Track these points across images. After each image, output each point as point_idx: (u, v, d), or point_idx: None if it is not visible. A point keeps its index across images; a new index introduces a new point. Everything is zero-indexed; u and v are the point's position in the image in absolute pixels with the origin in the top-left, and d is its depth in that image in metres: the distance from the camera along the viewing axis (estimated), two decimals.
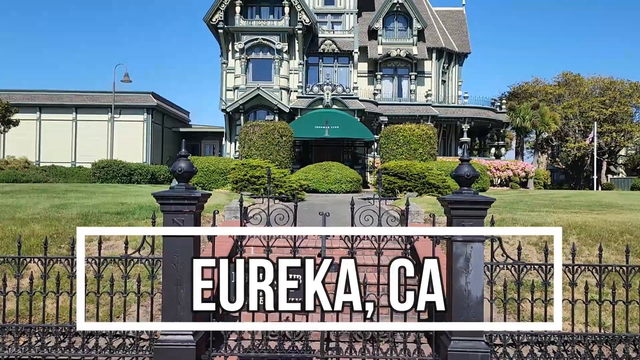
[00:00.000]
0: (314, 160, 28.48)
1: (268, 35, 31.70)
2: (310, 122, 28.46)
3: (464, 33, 38.08)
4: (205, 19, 31.57)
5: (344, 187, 22.31)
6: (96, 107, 36.07)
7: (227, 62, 32.59)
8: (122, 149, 33.66)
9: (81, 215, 9.77)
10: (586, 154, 44.69)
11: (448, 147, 36.40)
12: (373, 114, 31.62)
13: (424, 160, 22.77)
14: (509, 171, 30.70)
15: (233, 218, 10.64)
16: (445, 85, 36.93)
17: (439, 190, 17.72)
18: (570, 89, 46.80)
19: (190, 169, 5.56)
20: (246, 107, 31.25)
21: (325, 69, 34.50)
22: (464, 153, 5.78)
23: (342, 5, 34.54)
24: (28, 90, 37.25)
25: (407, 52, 34.04)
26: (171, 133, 40.25)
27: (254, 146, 23.61)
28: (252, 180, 17.14)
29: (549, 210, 12.04)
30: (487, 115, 34.19)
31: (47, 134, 35.95)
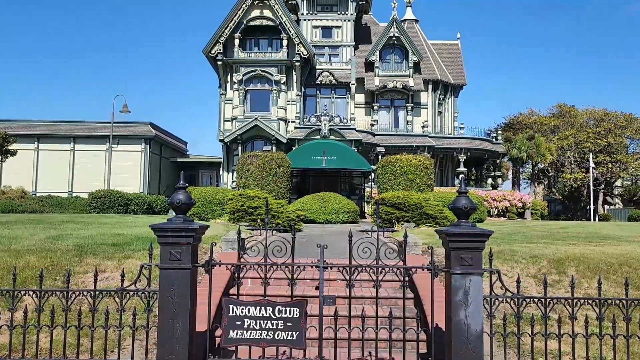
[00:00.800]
0: (311, 191, 28.50)
1: (266, 67, 32.12)
2: (308, 152, 28.59)
3: (459, 65, 38.64)
4: (205, 51, 32.02)
5: (341, 218, 22.27)
6: (94, 137, 36.20)
7: (226, 93, 32.92)
8: (119, 178, 33.64)
9: (77, 247, 9.70)
10: (582, 185, 44.84)
11: (445, 177, 36.52)
12: (370, 145, 31.80)
13: (421, 190, 22.82)
14: (506, 202, 30.73)
15: (230, 249, 10.58)
16: (442, 116, 37.27)
17: (437, 221, 17.72)
18: (565, 120, 47.29)
19: (188, 201, 5.56)
20: (244, 137, 31.43)
21: (322, 100, 34.85)
22: (462, 185, 5.80)
23: (340, 38, 35.15)
24: (27, 120, 37.45)
25: (403, 84, 34.46)
26: (169, 163, 40.32)
27: (252, 176, 23.67)
28: (250, 210, 17.12)
29: (547, 241, 12.02)
30: (484, 146, 34.44)
31: (45, 163, 35.97)
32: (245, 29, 32.54)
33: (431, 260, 5.71)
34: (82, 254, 9.21)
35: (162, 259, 5.40)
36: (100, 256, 9.14)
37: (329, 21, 35.26)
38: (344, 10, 35.16)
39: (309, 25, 35.18)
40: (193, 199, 5.66)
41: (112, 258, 9.05)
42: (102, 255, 9.19)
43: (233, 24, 31.91)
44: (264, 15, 32.40)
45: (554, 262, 9.15)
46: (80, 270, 8.43)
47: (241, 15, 32.03)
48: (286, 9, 32.68)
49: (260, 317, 5.24)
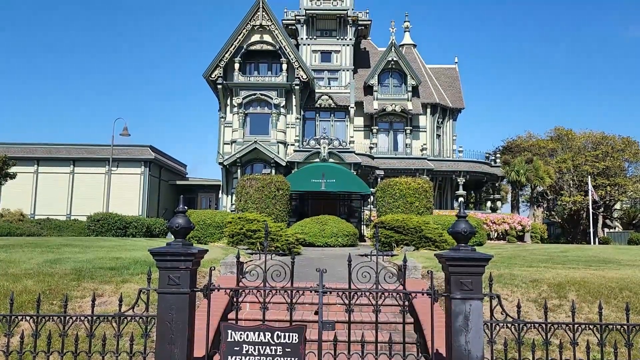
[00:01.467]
0: (310, 214, 28.46)
1: (266, 91, 32.38)
2: (307, 175, 28.65)
3: (457, 89, 39.00)
4: (205, 75, 32.32)
5: (341, 241, 22.20)
6: (94, 160, 36.27)
7: (225, 117, 33.12)
8: (118, 201, 33.59)
9: (75, 271, 9.65)
10: (582, 208, 44.81)
11: (444, 200, 36.53)
12: (369, 168, 31.89)
13: (420, 213, 22.79)
14: (505, 225, 30.69)
15: (229, 273, 10.53)
16: (440, 140, 37.47)
17: (436, 244, 17.66)
18: (563, 143, 47.51)
19: (187, 225, 5.55)
20: (243, 160, 31.51)
21: (322, 123, 35.06)
22: (461, 209, 5.81)
23: (339, 62, 35.54)
24: (26, 143, 37.56)
25: (402, 107, 34.71)
26: (168, 186, 40.32)
27: (251, 199, 23.67)
28: (249, 234, 17.08)
29: (547, 265, 11.97)
30: (482, 169, 34.56)
31: (44, 186, 35.95)
32: (246, 53, 32.91)
33: (431, 284, 5.68)
34: (79, 278, 9.16)
35: (160, 283, 5.37)
36: (98, 280, 9.09)
37: (328, 46, 35.71)
38: (343, 35, 35.63)
39: (309, 49, 35.60)
40: (192, 223, 5.65)
41: (110, 282, 8.99)
42: (100, 279, 9.13)
43: (233, 49, 32.29)
44: (264, 40, 32.80)
45: (555, 287, 9.10)
46: (78, 294, 8.37)
47: (241, 40, 32.43)
48: (286, 34, 33.12)
49: (258, 343, 5.18)
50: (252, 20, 32.40)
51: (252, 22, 32.41)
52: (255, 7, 32.35)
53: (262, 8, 32.32)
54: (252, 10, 32.36)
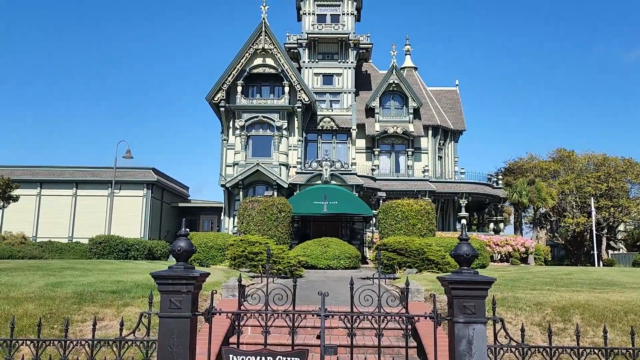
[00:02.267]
0: (312, 236, 28.39)
1: (268, 113, 32.59)
2: (309, 197, 28.65)
3: (458, 111, 39.21)
4: (208, 98, 32.58)
5: (343, 263, 22.09)
6: (96, 183, 36.36)
7: (228, 139, 33.28)
8: (120, 223, 33.57)
9: (76, 294, 9.61)
10: (585, 230, 44.61)
11: (447, 222, 36.43)
12: (371, 189, 31.89)
13: (422, 235, 22.72)
14: (508, 247, 30.55)
15: (231, 296, 10.46)
16: (442, 161, 37.54)
17: (439, 266, 17.57)
18: (565, 165, 47.51)
19: (189, 248, 5.54)
20: (245, 182, 31.56)
21: (323, 145, 35.20)
22: (463, 232, 5.79)
23: (340, 85, 35.85)
24: (30, 165, 37.73)
25: (403, 129, 34.88)
26: (170, 208, 40.33)
27: (253, 222, 23.64)
28: (250, 256, 17.02)
29: (551, 288, 11.88)
30: (484, 190, 34.52)
31: (46, 209, 35.98)
32: (248, 76, 33.24)
33: (434, 308, 5.64)
34: (81, 301, 9.12)
35: (162, 307, 5.35)
36: (99, 304, 9.04)
37: (330, 69, 36.06)
38: (345, 58, 36.00)
39: (311, 72, 35.95)
40: (194, 247, 5.65)
41: (111, 306, 8.95)
42: (101, 303, 9.09)
43: (236, 72, 32.62)
44: (267, 64, 33.15)
45: (559, 310, 9.02)
46: (79, 318, 8.32)
47: (244, 63, 32.78)
48: (288, 57, 33.48)
49: None
50: (254, 44, 32.79)
51: (254, 46, 32.80)
52: (257, 31, 32.78)
53: (264, 32, 32.74)
54: (255, 34, 32.78)
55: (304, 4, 36.77)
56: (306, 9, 36.64)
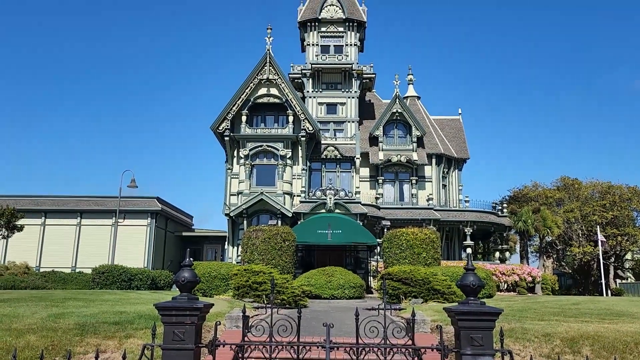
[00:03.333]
0: (316, 265, 28.19)
1: (272, 142, 32.79)
2: (313, 226, 28.54)
3: (462, 140, 39.34)
4: (212, 127, 32.85)
5: (347, 293, 21.88)
6: (100, 212, 36.38)
7: (232, 168, 33.42)
8: (123, 253, 33.46)
9: (78, 326, 9.51)
10: (592, 258, 44.16)
11: (452, 250, 36.16)
12: (375, 218, 31.79)
13: (427, 264, 22.54)
14: (515, 276, 30.22)
15: (234, 327, 10.35)
16: (446, 190, 37.49)
17: (445, 296, 17.37)
18: (570, 193, 47.36)
19: (193, 279, 5.51)
20: (249, 211, 31.54)
21: (327, 174, 35.28)
22: (469, 262, 5.75)
23: (344, 114, 36.13)
24: (34, 195, 37.82)
25: (407, 158, 34.96)
26: (174, 237, 40.24)
27: (257, 251, 23.53)
28: (254, 286, 16.90)
29: (559, 318, 11.70)
30: (489, 219, 34.32)
31: (50, 238, 35.95)
32: (253, 106, 33.57)
33: (440, 339, 5.56)
34: (83, 333, 9.02)
35: (165, 339, 5.29)
36: (101, 335, 8.94)
37: (333, 98, 36.42)
38: (348, 88, 36.39)
39: (314, 102, 36.30)
40: (198, 277, 5.62)
41: (113, 337, 8.84)
42: (103, 335, 8.99)
43: (241, 102, 32.95)
44: (271, 93, 33.52)
45: (568, 341, 8.86)
46: (81, 350, 8.22)
47: (249, 93, 33.16)
48: (292, 87, 33.86)
49: None
50: (259, 74, 33.22)
51: (259, 76, 33.22)
52: (262, 62, 33.25)
53: (269, 63, 33.20)
54: (260, 64, 33.24)
55: (308, 36, 37.38)
56: (310, 40, 37.23)
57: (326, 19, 37.28)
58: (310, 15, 37.36)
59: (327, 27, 37.44)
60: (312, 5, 37.91)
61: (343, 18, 37.07)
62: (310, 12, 37.61)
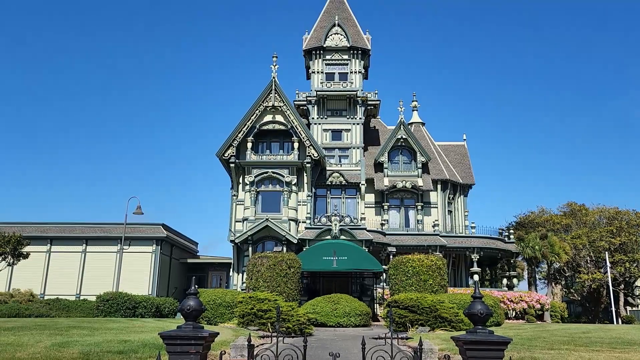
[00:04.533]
0: (322, 292, 27.97)
1: (278, 169, 32.92)
2: (318, 253, 28.41)
3: (467, 166, 39.35)
4: (218, 154, 33.03)
5: (353, 321, 21.63)
6: (106, 239, 36.37)
7: (237, 194, 33.48)
8: (128, 280, 33.33)
9: (82, 355, 9.43)
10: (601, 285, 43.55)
11: (458, 277, 35.81)
12: (381, 244, 31.62)
13: (434, 291, 22.32)
14: (523, 303, 29.84)
15: (239, 357, 10.22)
16: (452, 215, 37.33)
17: (452, 324, 17.15)
18: (577, 219, 47.00)
19: (198, 307, 5.49)
20: (255, 238, 31.47)
21: (333, 200, 35.26)
22: (476, 289, 5.70)
23: (349, 141, 36.31)
24: (40, 222, 37.90)
25: (412, 184, 34.94)
26: (179, 264, 40.09)
27: (262, 278, 23.40)
28: (259, 314, 16.76)
29: (570, 347, 11.50)
30: (496, 245, 34.06)
31: (55, 266, 35.90)
32: (258, 133, 33.81)
33: None
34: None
35: None
36: None
37: (338, 125, 36.66)
38: (353, 114, 36.65)
39: (320, 128, 36.53)
40: (203, 305, 5.59)
41: None
42: None
43: (246, 129, 33.21)
44: (276, 120, 33.79)
45: None
46: None
47: (254, 120, 33.43)
48: (297, 114, 34.13)
49: None
50: (265, 102, 33.55)
51: (265, 103, 33.55)
52: (268, 89, 33.61)
53: (274, 90, 33.56)
54: (265, 92, 33.59)
55: (313, 63, 37.84)
56: (315, 68, 37.67)
57: (331, 47, 37.78)
58: (315, 44, 37.89)
59: (332, 55, 37.93)
60: (317, 34, 38.48)
61: (347, 46, 37.57)
62: (315, 40, 38.15)
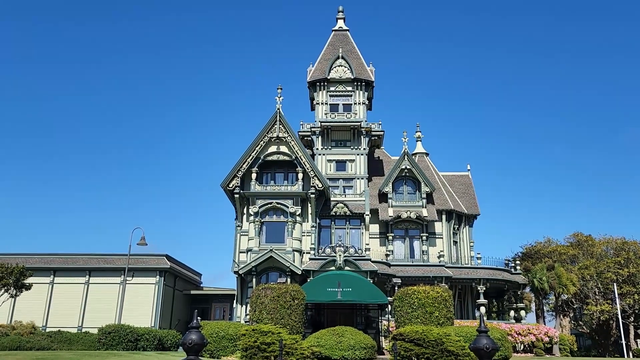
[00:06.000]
0: (326, 324, 27.60)
1: (282, 199, 32.94)
2: (323, 284, 28.13)
3: (472, 196, 39.24)
4: (223, 185, 33.14)
5: (358, 354, 21.25)
6: (109, 270, 36.19)
7: (242, 225, 33.43)
8: (131, 311, 33.04)
9: None
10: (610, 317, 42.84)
11: (465, 309, 35.30)
12: (386, 276, 31.32)
13: (440, 324, 21.98)
14: (531, 336, 29.32)
15: None
16: (457, 246, 37.06)
17: (459, 358, 16.85)
18: (583, 249, 46.59)
19: (201, 341, 5.42)
20: (258, 269, 31.28)
21: (337, 231, 35.14)
22: (482, 323, 5.61)
23: (353, 171, 36.40)
24: (44, 253, 37.80)
25: (417, 214, 34.82)
26: (182, 295, 39.78)
27: (265, 309, 23.14)
28: (263, 347, 16.53)
29: None
30: (503, 276, 33.64)
31: (58, 297, 35.66)
32: (262, 164, 33.99)
33: None
34: None
35: None
36: None
37: (342, 155, 36.83)
38: (357, 145, 36.84)
39: (324, 159, 36.69)
40: (206, 339, 5.52)
41: None
42: None
43: (251, 159, 33.39)
44: (281, 151, 33.99)
45: None
46: None
47: (259, 151, 33.64)
48: (302, 144, 34.34)
49: None
50: (269, 132, 33.82)
51: (269, 134, 33.81)
52: (272, 121, 33.91)
53: (279, 121, 33.86)
54: (270, 123, 33.89)
55: (317, 95, 38.26)
56: (319, 99, 38.07)
57: (335, 79, 38.25)
58: (320, 76, 38.38)
59: (336, 86, 38.36)
60: (321, 66, 39.02)
61: (351, 78, 38.03)
62: (320, 72, 38.66)
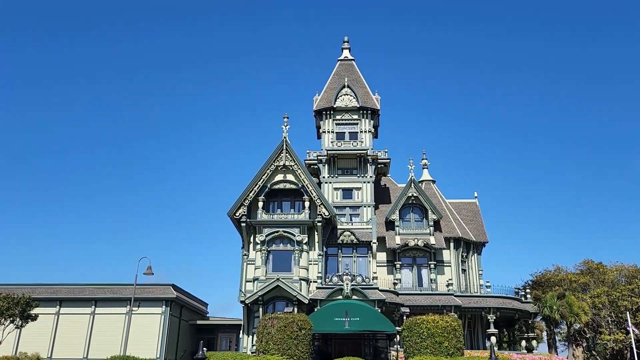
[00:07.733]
0: (333, 355, 27.13)
1: (289, 228, 32.82)
2: (330, 314, 27.78)
3: (479, 223, 38.92)
4: (229, 214, 33.11)
5: None
6: (115, 300, 35.94)
7: (248, 254, 33.28)
8: (137, 342, 32.69)
9: None
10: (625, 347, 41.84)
11: (475, 339, 34.63)
12: (394, 305, 30.88)
13: (450, 354, 21.53)
14: None
15: None
16: (466, 274, 36.59)
17: None
18: (595, 277, 45.81)
19: None
20: (265, 298, 30.97)
21: (344, 259, 34.88)
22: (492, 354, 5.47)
23: (360, 199, 36.31)
24: (51, 284, 37.67)
25: (424, 242, 34.52)
26: (188, 325, 39.35)
27: (272, 340, 22.80)
28: None
29: None
30: (513, 305, 33.06)
31: (64, 328, 35.38)
32: (269, 192, 33.99)
33: None
34: None
35: None
36: None
37: (349, 183, 36.82)
38: (364, 173, 36.84)
39: (330, 187, 36.68)
40: None
41: None
42: None
43: (257, 188, 33.44)
44: (287, 179, 34.04)
45: None
46: None
47: (265, 179, 33.70)
48: (308, 173, 34.39)
49: None
50: (276, 161, 33.94)
51: (276, 163, 33.92)
52: (279, 149, 34.06)
53: (285, 150, 34.00)
54: (276, 151, 34.03)
55: (324, 123, 38.48)
56: (326, 128, 38.28)
57: (341, 108, 38.53)
58: (326, 104, 38.68)
59: (342, 115, 38.62)
60: (327, 95, 39.37)
61: (357, 106, 38.28)
62: (326, 101, 38.97)
